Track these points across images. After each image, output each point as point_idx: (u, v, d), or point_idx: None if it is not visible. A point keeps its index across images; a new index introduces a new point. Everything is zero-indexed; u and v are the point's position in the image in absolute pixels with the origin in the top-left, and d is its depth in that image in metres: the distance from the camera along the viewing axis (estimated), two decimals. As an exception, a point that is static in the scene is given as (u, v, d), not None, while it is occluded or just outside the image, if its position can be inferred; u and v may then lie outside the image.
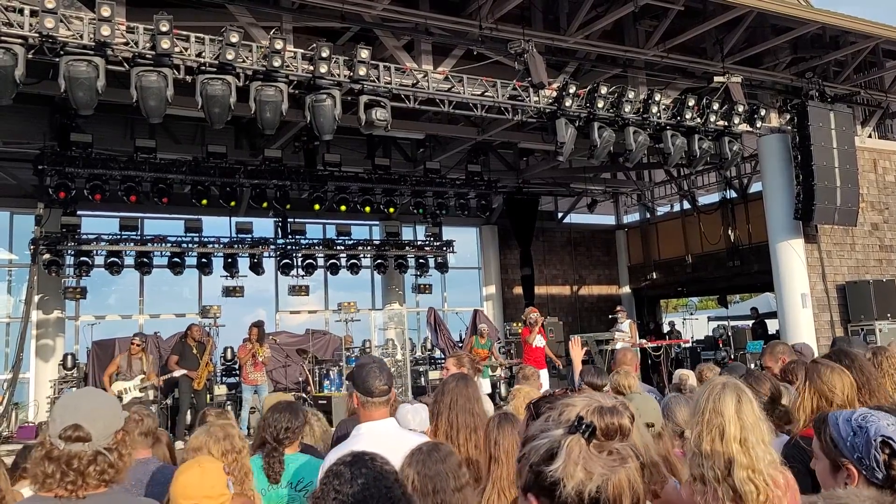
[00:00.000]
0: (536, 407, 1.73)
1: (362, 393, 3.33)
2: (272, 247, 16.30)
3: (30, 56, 8.48)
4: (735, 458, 2.48)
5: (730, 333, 16.87)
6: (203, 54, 9.39)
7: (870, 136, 15.66)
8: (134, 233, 14.94)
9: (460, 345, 16.86)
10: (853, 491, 1.11)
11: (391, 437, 3.22)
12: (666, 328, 20.66)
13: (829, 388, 3.31)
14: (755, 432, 2.53)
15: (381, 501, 1.97)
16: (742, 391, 2.64)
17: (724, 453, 2.50)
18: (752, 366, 12.14)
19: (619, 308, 15.15)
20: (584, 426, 1.31)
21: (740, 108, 12.89)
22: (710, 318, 26.40)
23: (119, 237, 14.65)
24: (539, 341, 12.46)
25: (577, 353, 5.85)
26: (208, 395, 12.80)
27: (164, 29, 8.77)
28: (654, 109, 12.32)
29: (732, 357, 15.65)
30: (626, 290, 22.70)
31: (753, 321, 18.60)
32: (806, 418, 3.28)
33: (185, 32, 9.35)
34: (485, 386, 13.02)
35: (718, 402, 2.57)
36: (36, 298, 13.97)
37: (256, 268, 15.81)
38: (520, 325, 15.36)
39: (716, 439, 2.52)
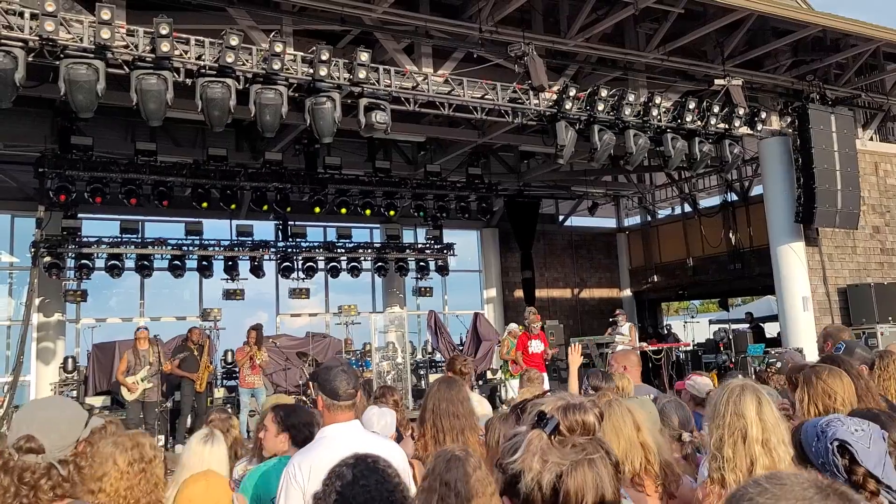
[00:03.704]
0: (522, 410, 1.73)
1: (327, 395, 3.25)
2: (273, 250, 16.31)
3: (30, 59, 8.49)
4: (757, 459, 2.48)
5: (731, 337, 16.79)
6: (203, 57, 9.39)
7: (871, 139, 15.63)
8: (134, 236, 14.94)
9: (461, 348, 16.82)
10: (793, 473, 1.11)
11: (356, 440, 3.16)
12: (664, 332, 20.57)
13: (830, 392, 3.26)
14: (776, 433, 2.53)
15: None
16: (760, 392, 2.63)
17: (747, 455, 2.50)
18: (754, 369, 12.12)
19: (618, 311, 15.11)
20: (544, 421, 1.32)
21: (741, 111, 12.88)
22: (711, 322, 26.30)
23: (119, 240, 14.65)
24: (537, 346, 12.39)
25: (574, 359, 5.76)
26: (209, 399, 12.79)
27: (164, 32, 8.77)
28: (655, 112, 12.30)
29: (733, 361, 15.58)
30: (627, 293, 22.67)
31: (749, 325, 18.53)
32: None
33: (185, 35, 9.35)
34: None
35: (739, 404, 2.57)
36: (36, 301, 13.97)
37: (257, 271, 15.81)
38: (521, 328, 15.29)
39: (738, 442, 2.53)
